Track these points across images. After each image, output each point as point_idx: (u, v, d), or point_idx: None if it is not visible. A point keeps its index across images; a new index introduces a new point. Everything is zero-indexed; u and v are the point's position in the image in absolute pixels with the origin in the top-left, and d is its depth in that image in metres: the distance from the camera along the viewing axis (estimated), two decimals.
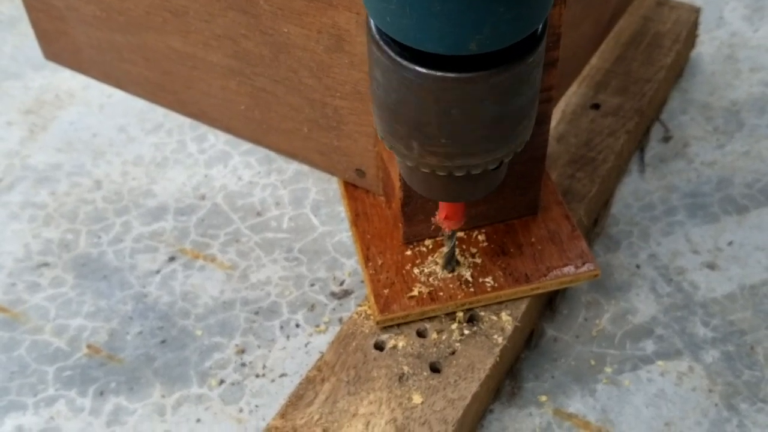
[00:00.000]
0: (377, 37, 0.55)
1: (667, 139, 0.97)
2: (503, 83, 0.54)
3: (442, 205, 0.68)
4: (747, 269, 0.85)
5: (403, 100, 0.56)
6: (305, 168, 0.95)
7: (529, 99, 0.57)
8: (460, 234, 0.78)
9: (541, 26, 0.55)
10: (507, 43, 0.52)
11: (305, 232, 0.89)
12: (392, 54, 0.54)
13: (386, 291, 0.74)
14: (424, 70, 0.53)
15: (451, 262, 0.74)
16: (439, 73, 0.53)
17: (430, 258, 0.76)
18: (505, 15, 0.50)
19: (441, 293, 0.74)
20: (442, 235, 0.75)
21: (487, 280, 0.74)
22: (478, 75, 0.53)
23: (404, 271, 0.75)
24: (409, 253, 0.77)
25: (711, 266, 0.85)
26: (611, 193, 0.91)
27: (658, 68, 0.96)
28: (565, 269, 0.75)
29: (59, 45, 0.90)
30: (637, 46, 0.99)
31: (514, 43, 0.52)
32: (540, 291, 0.75)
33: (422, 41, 0.51)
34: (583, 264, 0.75)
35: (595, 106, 0.92)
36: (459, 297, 0.74)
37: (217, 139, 0.99)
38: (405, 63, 0.54)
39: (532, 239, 0.77)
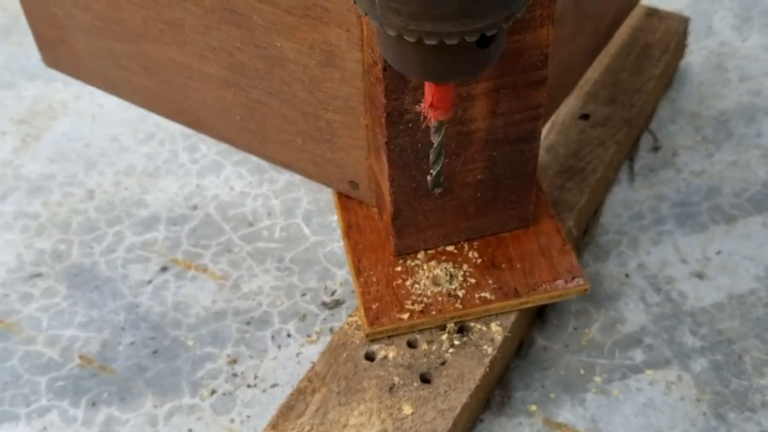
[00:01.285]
0: None
1: (656, 148, 0.98)
2: None
3: (428, 89, 0.58)
4: (735, 278, 0.86)
5: None
6: (297, 178, 0.95)
7: None
8: (451, 248, 0.78)
9: None
10: None
11: (297, 242, 0.90)
12: None
13: (376, 304, 0.75)
14: None
15: (438, 162, 0.64)
16: None
17: (421, 271, 0.77)
18: None
19: (431, 307, 0.74)
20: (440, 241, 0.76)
21: (476, 294, 0.75)
22: None
23: (395, 284, 0.76)
24: (399, 266, 0.77)
25: (699, 275, 0.86)
26: (601, 202, 0.92)
27: (647, 78, 0.97)
28: (555, 284, 0.76)
29: (58, 52, 0.91)
30: (627, 57, 0.99)
31: None
32: (529, 305, 0.76)
33: None
34: (573, 279, 0.76)
35: (585, 117, 0.93)
36: (449, 311, 0.74)
37: (209, 149, 0.99)
38: None
39: (523, 253, 0.78)
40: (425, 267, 0.77)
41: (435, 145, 0.62)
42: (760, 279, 0.85)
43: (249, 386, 0.79)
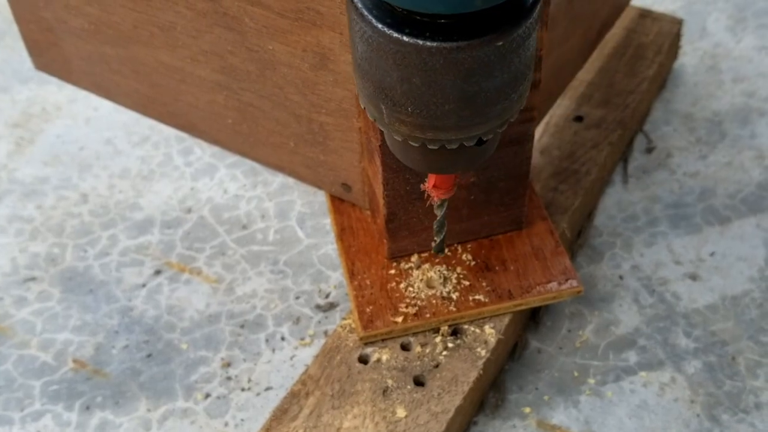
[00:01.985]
0: None
1: (650, 150, 0.98)
2: (464, 62, 0.50)
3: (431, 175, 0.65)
4: (729, 280, 0.86)
5: (366, 56, 0.53)
6: (290, 181, 0.95)
7: (507, 80, 0.53)
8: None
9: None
10: None
11: (291, 244, 0.90)
12: (359, 5, 0.51)
13: (370, 307, 0.75)
14: (381, 27, 0.50)
15: (441, 232, 0.72)
16: (395, 35, 0.50)
17: (414, 274, 0.77)
18: None
19: (425, 310, 0.74)
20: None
21: (470, 296, 0.75)
22: (437, 46, 0.50)
23: (389, 287, 0.76)
24: (393, 269, 0.77)
25: (693, 277, 0.86)
26: (594, 204, 0.92)
27: (641, 80, 0.97)
28: (548, 286, 0.76)
29: (49, 56, 0.91)
30: (620, 58, 0.99)
31: (481, 21, 0.49)
32: (523, 307, 0.76)
33: (423, 2, 0.48)
34: (566, 280, 0.76)
35: (578, 119, 0.93)
36: (442, 314, 0.74)
37: (203, 152, 0.99)
38: (366, 14, 0.51)
39: (516, 255, 0.78)
40: (419, 270, 0.77)
41: (438, 218, 0.70)
42: (753, 280, 0.85)
43: (243, 389, 0.79)
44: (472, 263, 0.78)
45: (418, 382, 0.72)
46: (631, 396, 0.77)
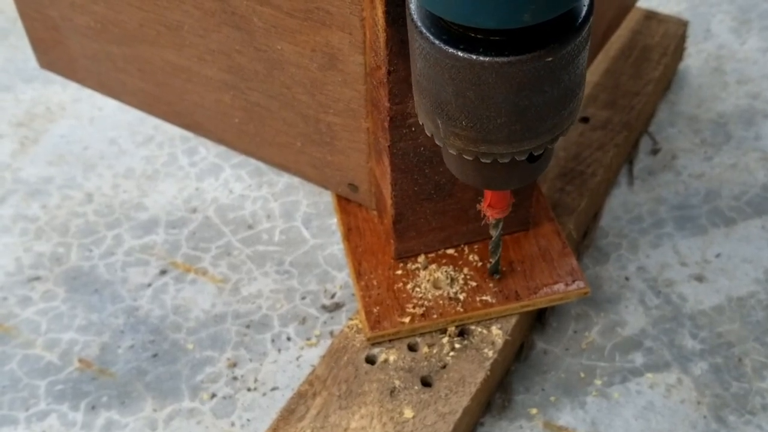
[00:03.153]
0: (412, 8, 0.55)
1: (655, 151, 0.98)
2: (514, 76, 0.52)
3: (487, 193, 0.68)
4: (734, 281, 0.86)
5: (424, 72, 0.55)
6: (296, 181, 0.95)
7: (557, 96, 0.55)
8: (451, 251, 0.78)
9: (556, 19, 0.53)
10: (560, 11, 0.50)
11: (296, 244, 0.90)
12: (419, 23, 0.54)
13: (377, 308, 0.75)
14: (438, 43, 0.53)
15: (496, 253, 0.74)
16: (450, 50, 0.52)
17: (421, 274, 0.77)
18: None
19: (432, 311, 0.74)
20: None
21: (477, 297, 0.75)
22: (489, 61, 0.52)
23: (396, 288, 0.76)
24: (400, 270, 0.77)
25: (699, 278, 0.86)
26: (600, 205, 0.92)
27: (646, 81, 0.97)
28: (555, 287, 0.76)
29: (54, 54, 0.91)
30: (626, 60, 0.99)
31: (531, 37, 0.51)
32: (530, 308, 0.76)
33: (474, 16, 0.50)
34: (573, 282, 0.76)
35: (584, 120, 0.93)
36: (450, 314, 0.74)
37: (207, 152, 0.99)
38: (425, 32, 0.53)
39: (523, 256, 0.78)
40: (426, 270, 0.77)
41: (494, 239, 0.73)
42: (759, 282, 0.85)
43: (249, 390, 0.79)
44: (479, 264, 0.78)
45: (426, 383, 0.72)
46: (638, 397, 0.77)
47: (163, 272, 0.88)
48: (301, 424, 0.70)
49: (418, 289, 0.76)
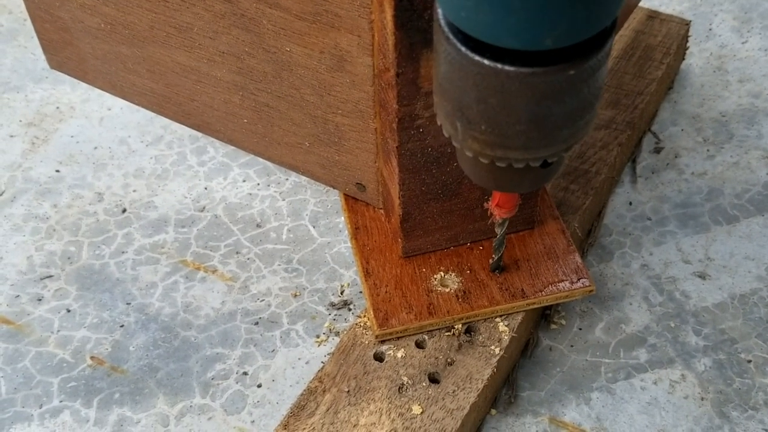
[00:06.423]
0: (439, 12, 0.56)
1: (658, 150, 0.99)
2: (537, 86, 0.54)
3: (495, 193, 0.70)
4: (737, 278, 0.87)
5: (447, 76, 0.56)
6: (303, 180, 0.96)
7: (576, 107, 0.57)
8: (458, 250, 0.79)
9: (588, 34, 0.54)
10: (580, 39, 0.51)
11: (304, 243, 0.91)
12: (446, 29, 0.55)
13: (385, 305, 0.76)
14: (464, 50, 0.54)
15: (499, 250, 0.76)
16: (476, 58, 0.53)
17: (428, 272, 0.78)
18: (581, 12, 0.49)
19: (439, 308, 0.76)
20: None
21: (484, 295, 0.76)
22: (514, 71, 0.53)
23: (403, 286, 0.77)
24: (408, 267, 0.78)
25: (702, 276, 0.87)
26: (604, 204, 0.93)
27: (649, 81, 0.98)
28: (561, 285, 0.77)
29: (64, 55, 0.92)
30: (629, 60, 1.00)
31: (555, 52, 0.53)
32: (536, 306, 0.77)
33: (497, 36, 0.51)
34: (579, 279, 0.77)
35: None
36: (457, 312, 0.75)
37: (216, 152, 1.00)
38: (451, 38, 0.54)
39: (529, 254, 0.79)
40: (433, 268, 0.78)
41: (498, 237, 0.75)
42: (761, 279, 0.86)
43: (259, 386, 0.80)
44: (486, 262, 0.79)
45: (433, 380, 0.74)
46: (642, 393, 0.79)
47: (174, 270, 0.89)
48: (311, 420, 0.71)
49: (425, 287, 0.77)
